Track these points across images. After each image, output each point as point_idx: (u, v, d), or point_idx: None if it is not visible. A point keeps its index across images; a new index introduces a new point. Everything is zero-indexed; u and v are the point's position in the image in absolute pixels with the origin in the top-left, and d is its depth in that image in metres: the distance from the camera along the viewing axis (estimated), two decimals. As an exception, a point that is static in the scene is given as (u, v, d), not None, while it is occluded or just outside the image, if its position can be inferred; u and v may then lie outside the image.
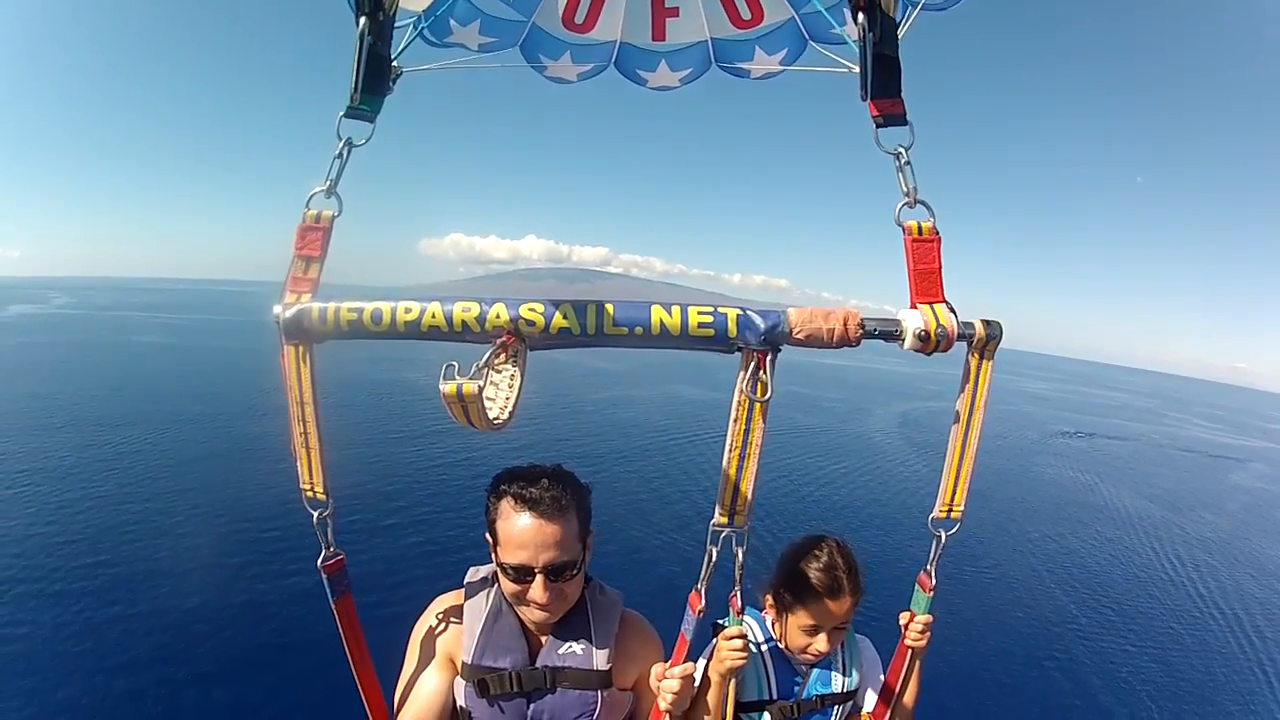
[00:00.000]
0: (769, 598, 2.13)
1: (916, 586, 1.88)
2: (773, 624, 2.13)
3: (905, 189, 1.58)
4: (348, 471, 12.93)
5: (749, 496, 1.61)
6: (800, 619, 2.01)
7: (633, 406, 27.33)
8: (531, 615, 1.81)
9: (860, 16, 1.56)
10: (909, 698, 2.05)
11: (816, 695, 2.08)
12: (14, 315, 54.33)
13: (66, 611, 8.29)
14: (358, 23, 1.66)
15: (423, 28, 2.45)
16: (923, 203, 1.58)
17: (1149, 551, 15.08)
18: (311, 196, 1.67)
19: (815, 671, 2.09)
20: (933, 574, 1.82)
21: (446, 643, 1.88)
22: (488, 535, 1.82)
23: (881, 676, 2.11)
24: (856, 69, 1.66)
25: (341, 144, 1.70)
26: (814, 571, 2.00)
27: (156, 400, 21.31)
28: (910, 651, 1.93)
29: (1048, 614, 11.13)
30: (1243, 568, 14.66)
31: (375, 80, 1.74)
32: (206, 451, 15.64)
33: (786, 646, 2.09)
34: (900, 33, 1.59)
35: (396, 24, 1.82)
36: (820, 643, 2.00)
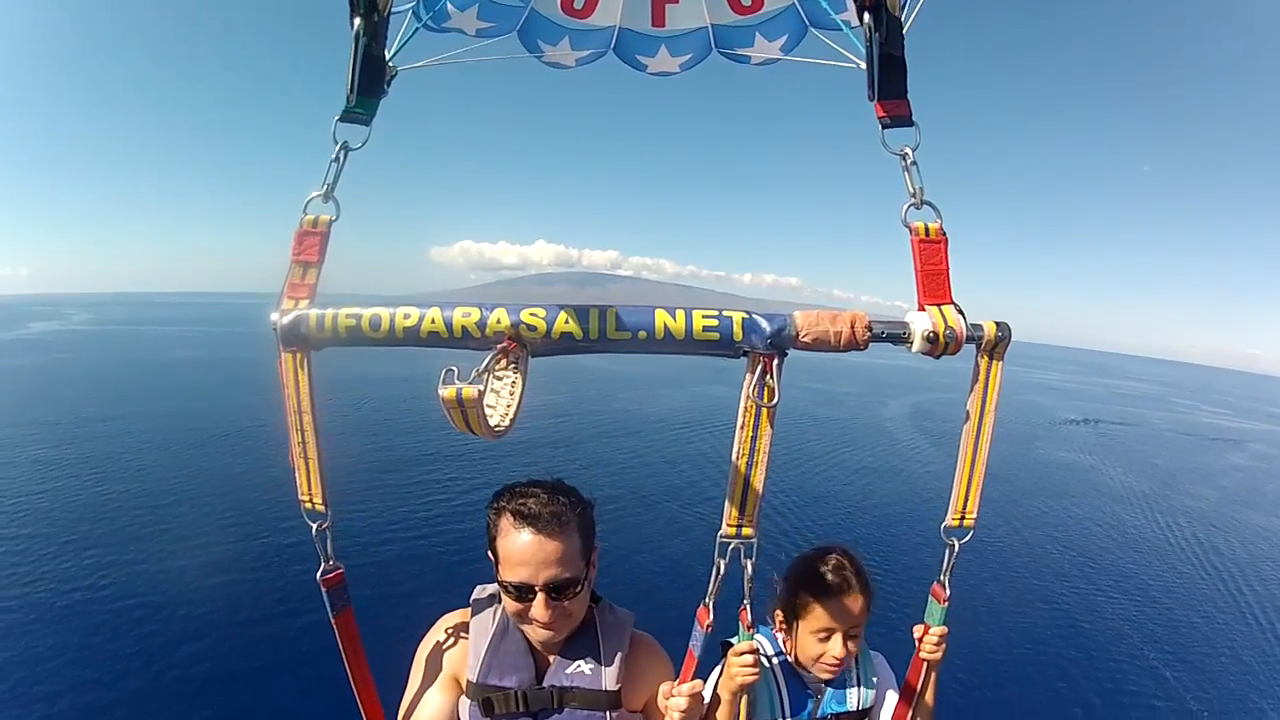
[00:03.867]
0: (778, 612, 2.09)
1: (930, 598, 1.84)
2: (784, 640, 2.08)
3: (912, 190, 1.55)
4: (349, 482, 12.88)
5: (757, 506, 1.57)
6: (811, 624, 1.96)
7: (655, 405, 27.26)
8: (535, 635, 1.77)
9: (866, 16, 1.54)
10: (925, 712, 1.99)
11: (831, 714, 2.02)
12: (38, 332, 54.10)
13: (58, 619, 8.33)
14: (352, 24, 1.63)
15: (425, 20, 2.42)
16: (929, 204, 1.55)
17: (1145, 521, 16.03)
18: (309, 201, 1.65)
19: (829, 690, 2.03)
20: (946, 584, 1.77)
21: (451, 661, 1.84)
22: (489, 553, 1.79)
23: (897, 692, 2.05)
24: (862, 65, 1.64)
25: (338, 148, 1.68)
26: (822, 573, 1.97)
27: (198, 409, 21.56)
28: (926, 664, 1.89)
29: (1049, 580, 11.69)
30: (1231, 534, 15.52)
31: (371, 82, 1.72)
32: (251, 464, 15.57)
33: (799, 661, 2.04)
34: (905, 27, 1.55)
35: (393, 9, 1.79)
36: (835, 646, 1.94)
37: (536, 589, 1.67)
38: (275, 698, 7.16)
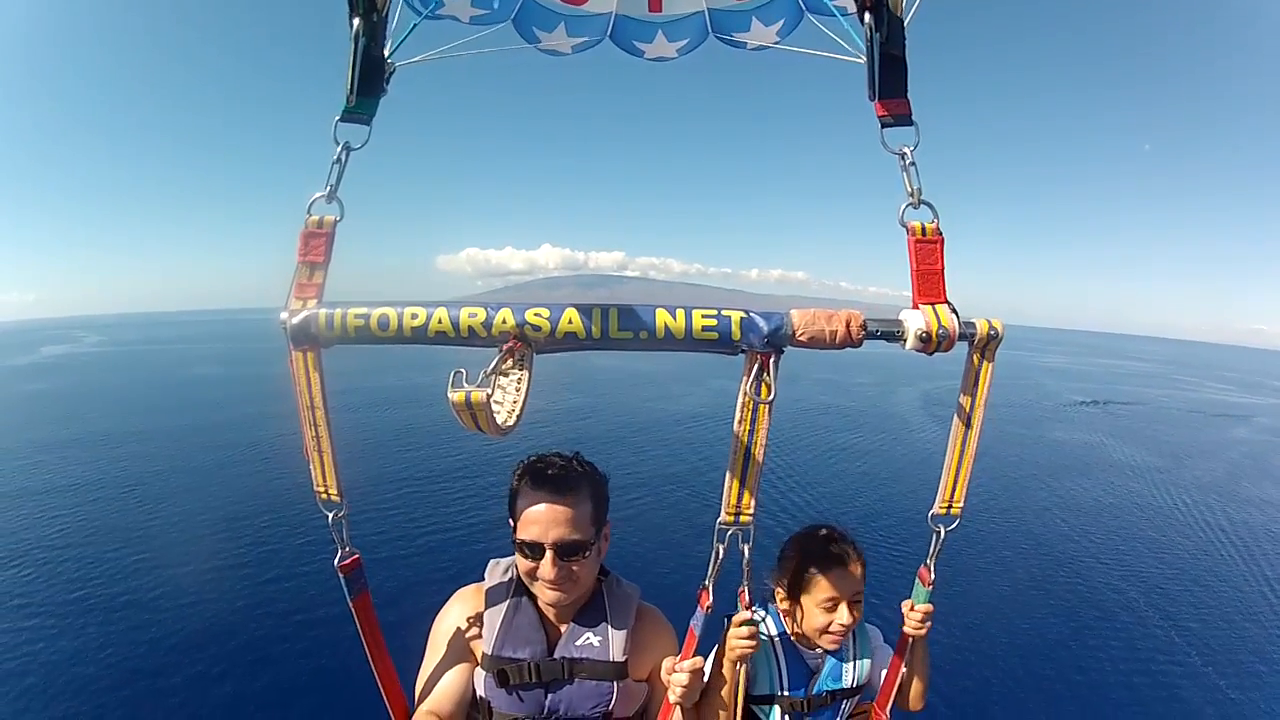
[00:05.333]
0: (779, 590, 2.15)
1: (916, 580, 1.93)
2: (785, 615, 2.14)
3: (910, 189, 1.57)
4: (363, 471, 13.36)
5: (754, 495, 1.63)
6: (816, 596, 2.02)
7: (667, 402, 27.39)
8: (544, 595, 1.85)
9: (867, 16, 1.53)
10: (916, 685, 2.08)
11: (827, 691, 2.09)
12: (52, 356, 54.44)
13: (91, 611, 8.82)
14: (351, 25, 1.64)
15: (422, 13, 2.40)
16: (927, 203, 1.56)
17: (1152, 493, 16.68)
18: (313, 202, 1.66)
19: (827, 665, 2.10)
20: (932, 568, 1.86)
21: (466, 634, 1.93)
22: (510, 519, 1.88)
23: (888, 665, 2.12)
24: (862, 59, 1.64)
25: (340, 148, 1.69)
26: (822, 548, 2.06)
27: (224, 422, 21.97)
28: (912, 640, 1.98)
29: (1061, 549, 12.25)
30: (1238, 504, 16.09)
31: (371, 81, 1.73)
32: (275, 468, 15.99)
33: (804, 636, 2.09)
34: (906, 20, 1.55)
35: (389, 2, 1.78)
36: (842, 614, 2.01)
37: (546, 547, 1.77)
38: (298, 677, 7.51)
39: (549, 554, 1.76)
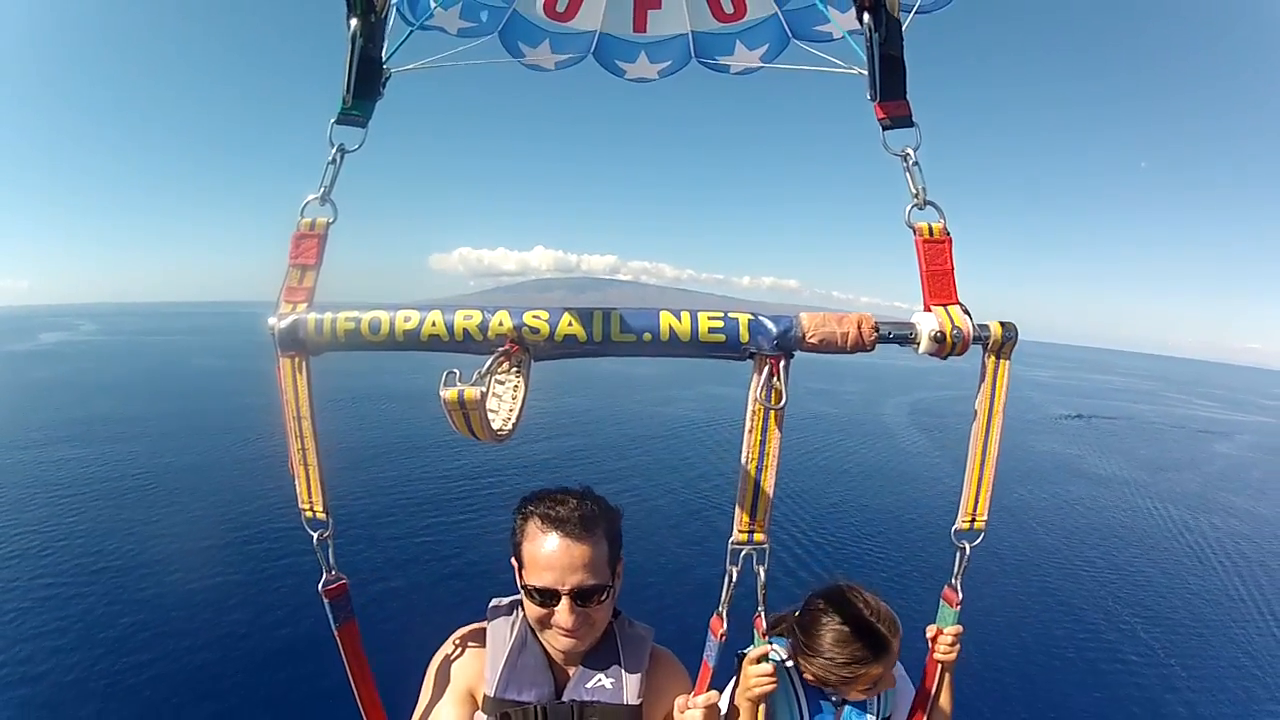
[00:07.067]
0: (810, 676, 1.97)
1: (942, 602, 1.80)
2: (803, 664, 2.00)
3: (914, 190, 1.54)
4: (352, 489, 12.83)
5: (768, 510, 1.54)
6: (863, 683, 1.90)
7: (667, 406, 27.39)
8: (557, 643, 1.73)
9: (865, 17, 1.52)
10: (943, 713, 1.94)
11: None
12: (50, 343, 54.61)
13: (64, 625, 8.77)
14: (349, 25, 1.61)
15: (409, 19, 2.41)
16: (932, 204, 1.54)
17: (1127, 504, 17.39)
18: (306, 204, 1.62)
19: (849, 706, 1.97)
20: (958, 588, 1.74)
21: (466, 675, 1.79)
22: (513, 559, 1.76)
23: (913, 696, 1.99)
24: (854, 70, 1.64)
25: (334, 150, 1.65)
26: (858, 644, 1.87)
27: (228, 412, 22.25)
28: (941, 665, 1.86)
29: (1035, 555, 12.68)
30: (1207, 513, 16.83)
31: (367, 84, 1.70)
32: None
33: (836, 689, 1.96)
34: (904, 24, 1.54)
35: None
36: (886, 682, 1.92)
37: (562, 594, 1.65)
38: (276, 713, 7.17)
39: (565, 601, 1.64)
